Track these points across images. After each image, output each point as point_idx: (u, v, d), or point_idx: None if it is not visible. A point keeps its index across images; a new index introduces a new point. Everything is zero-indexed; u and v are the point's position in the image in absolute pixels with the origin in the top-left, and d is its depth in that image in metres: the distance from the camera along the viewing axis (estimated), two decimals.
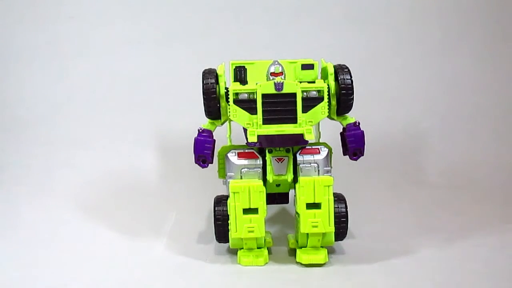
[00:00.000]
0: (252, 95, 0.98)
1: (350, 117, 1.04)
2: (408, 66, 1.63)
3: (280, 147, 1.00)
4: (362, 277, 0.94)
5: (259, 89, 0.96)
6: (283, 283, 0.93)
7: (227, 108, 0.99)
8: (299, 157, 1.00)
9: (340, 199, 1.01)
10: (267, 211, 0.99)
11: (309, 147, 1.01)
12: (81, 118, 1.60)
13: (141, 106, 1.60)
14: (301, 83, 0.99)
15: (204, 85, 1.00)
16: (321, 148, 1.02)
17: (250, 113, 0.98)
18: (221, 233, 1.01)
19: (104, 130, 1.59)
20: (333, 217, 0.98)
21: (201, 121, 1.04)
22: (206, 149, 1.01)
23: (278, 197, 1.11)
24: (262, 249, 1.01)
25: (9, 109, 1.62)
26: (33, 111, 1.61)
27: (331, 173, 1.01)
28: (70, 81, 1.63)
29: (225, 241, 1.03)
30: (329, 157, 1.03)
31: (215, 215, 1.02)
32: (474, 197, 1.37)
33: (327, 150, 1.02)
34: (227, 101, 0.99)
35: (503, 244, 1.08)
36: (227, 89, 1.00)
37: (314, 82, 1.02)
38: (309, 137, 0.95)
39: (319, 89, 0.99)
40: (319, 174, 1.00)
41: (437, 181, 1.49)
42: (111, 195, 1.41)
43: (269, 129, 0.96)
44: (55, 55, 1.63)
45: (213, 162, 1.03)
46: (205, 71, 1.03)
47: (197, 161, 1.01)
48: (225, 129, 1.07)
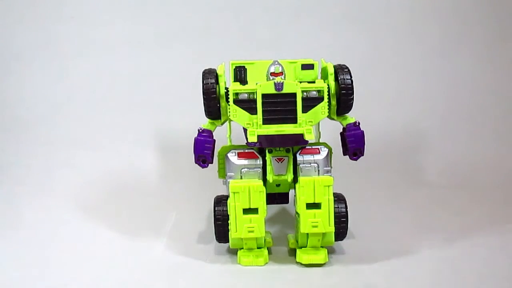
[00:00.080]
0: (252, 95, 0.98)
1: (350, 117, 1.04)
2: (408, 66, 1.63)
3: (280, 147, 1.00)
4: (362, 277, 0.94)
5: (259, 89, 0.96)
6: (283, 283, 0.93)
7: (227, 108, 0.99)
8: (299, 157, 1.00)
9: (340, 199, 1.01)
10: (267, 211, 0.99)
11: (309, 147, 1.01)
12: (81, 118, 1.60)
13: (141, 106, 1.60)
14: (301, 83, 0.99)
15: (204, 85, 1.00)
16: (321, 148, 1.02)
17: (250, 113, 0.98)
18: (221, 233, 1.01)
19: (104, 130, 1.59)
20: (333, 217, 0.98)
21: (201, 121, 1.04)
22: (206, 149, 1.01)
23: (278, 197, 1.11)
24: (262, 249, 1.01)
25: (9, 109, 1.62)
26: (33, 111, 1.61)
27: (331, 173, 1.01)
28: (70, 81, 1.63)
29: (225, 241, 1.02)
30: (329, 157, 1.03)
31: (215, 215, 1.02)
32: (474, 197, 1.37)
33: (327, 150, 1.02)
34: (227, 101, 0.99)
35: (503, 244, 1.08)
36: (227, 89, 1.00)
37: (314, 82, 1.02)
38: (309, 137, 0.95)
39: (319, 89, 0.99)
40: (319, 174, 1.00)
41: (436, 181, 1.49)
42: (111, 195, 1.41)
43: (269, 129, 0.96)
44: (55, 55, 1.63)
45: (213, 162, 1.03)
46: (205, 71, 1.03)
47: (197, 161, 1.01)
48: (225, 129, 1.07)
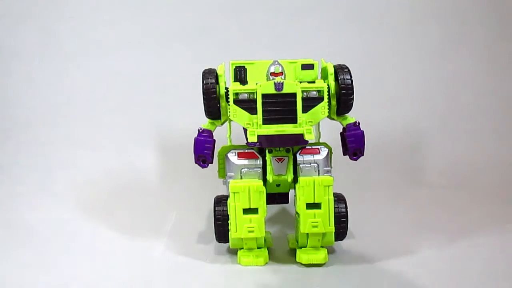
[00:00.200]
0: (252, 95, 0.98)
1: (350, 117, 1.04)
2: (408, 66, 1.64)
3: (280, 147, 1.00)
4: (362, 277, 0.94)
5: (259, 89, 0.96)
6: (283, 283, 0.93)
7: (227, 108, 0.99)
8: (299, 157, 1.00)
9: (340, 199, 1.01)
10: (267, 211, 0.99)
11: (309, 147, 1.01)
12: (81, 118, 1.60)
13: (141, 106, 1.60)
14: (301, 83, 0.99)
15: (204, 85, 1.00)
16: (321, 148, 1.02)
17: (250, 113, 0.98)
18: (221, 233, 1.01)
19: (104, 130, 1.59)
20: (333, 217, 0.98)
21: (201, 121, 1.04)
22: (206, 149, 1.01)
23: (278, 197, 1.11)
24: (262, 249, 1.01)
25: (9, 109, 1.62)
26: (33, 111, 1.61)
27: (331, 173, 1.01)
28: (70, 81, 1.63)
29: (225, 241, 1.02)
30: (329, 157, 1.02)
31: (215, 215, 1.02)
32: (474, 197, 1.37)
33: (327, 150, 1.02)
34: (227, 101, 0.99)
35: (503, 244, 1.08)
36: (227, 89, 1.00)
37: (314, 82, 1.02)
38: (309, 137, 0.95)
39: (319, 89, 0.99)
40: (319, 174, 1.00)
41: (436, 181, 1.49)
42: (111, 195, 1.41)
43: (269, 129, 0.96)
44: (55, 55, 1.63)
45: (213, 162, 1.03)
46: (205, 71, 1.03)
47: (197, 161, 1.01)
48: (225, 129, 1.07)
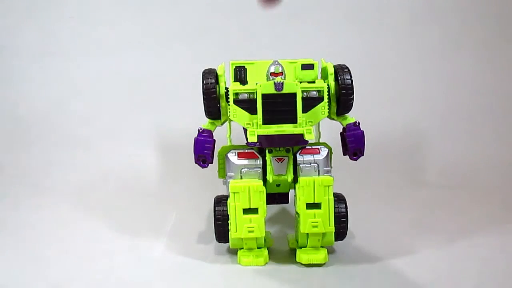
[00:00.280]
0: (252, 95, 0.98)
1: (350, 117, 1.04)
2: (408, 66, 1.64)
3: (280, 147, 1.00)
4: (362, 277, 0.94)
5: (259, 89, 0.96)
6: (283, 283, 0.93)
7: (227, 108, 0.99)
8: (299, 157, 1.00)
9: (340, 199, 1.01)
10: (267, 211, 0.99)
11: (309, 147, 1.01)
12: (81, 118, 1.60)
13: (141, 106, 1.61)
14: (301, 83, 0.99)
15: (204, 85, 1.00)
16: (321, 148, 1.02)
17: (250, 113, 0.98)
18: (221, 233, 1.01)
19: (104, 130, 1.59)
20: (333, 217, 0.98)
21: (201, 121, 1.04)
22: (206, 149, 1.01)
23: (278, 197, 1.11)
24: (262, 249, 1.01)
25: (10, 109, 1.62)
26: (33, 111, 1.61)
27: (331, 173, 1.01)
28: (70, 81, 1.63)
29: (225, 241, 1.02)
30: (329, 157, 1.02)
31: (215, 215, 1.02)
32: (474, 197, 1.37)
33: (327, 150, 1.02)
34: (227, 101, 0.99)
35: (503, 244, 1.08)
36: (227, 89, 1.00)
37: (314, 82, 1.02)
38: (309, 137, 0.95)
39: (319, 89, 0.99)
40: (319, 174, 1.00)
41: (436, 180, 1.49)
42: (111, 195, 1.41)
43: (269, 129, 0.96)
44: (55, 55, 1.64)
45: (213, 162, 1.03)
46: (205, 71, 1.03)
47: (197, 161, 1.01)
48: (225, 129, 1.07)
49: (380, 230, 1.17)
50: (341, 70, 1.02)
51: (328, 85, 1.01)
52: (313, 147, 1.01)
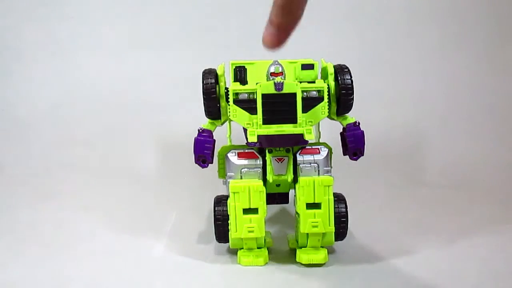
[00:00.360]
0: (252, 95, 0.98)
1: (350, 117, 1.04)
2: (408, 66, 1.64)
3: (280, 147, 1.00)
4: (362, 277, 0.94)
5: (259, 89, 0.96)
6: (283, 283, 0.93)
7: (227, 108, 0.99)
8: (299, 157, 1.00)
9: (340, 199, 1.01)
10: (267, 211, 0.99)
11: (309, 147, 1.01)
12: (81, 118, 1.60)
13: (141, 106, 1.61)
14: (301, 83, 0.99)
15: (204, 85, 1.00)
16: (321, 148, 1.02)
17: (250, 113, 0.98)
18: (221, 233, 1.01)
19: (104, 130, 1.59)
20: (333, 217, 0.98)
21: (201, 121, 1.04)
22: (206, 149, 1.01)
23: (278, 197, 1.11)
24: (262, 249, 1.01)
25: (9, 109, 1.62)
26: (33, 111, 1.61)
27: (331, 173, 1.01)
28: (70, 81, 1.63)
29: (225, 241, 1.02)
30: (329, 157, 1.02)
31: (215, 215, 1.02)
32: (474, 197, 1.37)
33: (327, 150, 1.02)
34: (227, 101, 0.99)
35: (503, 244, 1.08)
36: (227, 89, 1.00)
37: (314, 82, 1.02)
38: (309, 137, 0.95)
39: (319, 89, 0.99)
40: (319, 174, 1.00)
41: (437, 180, 1.49)
42: (111, 195, 1.41)
43: (269, 129, 0.96)
44: (55, 55, 1.64)
45: (213, 162, 1.03)
46: (205, 71, 1.03)
47: (197, 161, 1.01)
48: (225, 129, 1.07)
49: (380, 230, 1.17)
50: (341, 70, 1.02)
51: (328, 85, 1.01)
52: (313, 147, 1.01)
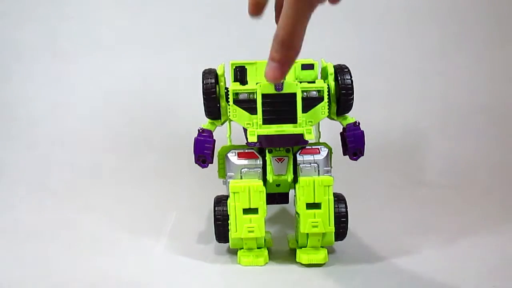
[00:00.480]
0: (252, 95, 0.98)
1: (350, 117, 1.04)
2: (407, 66, 1.64)
3: (280, 147, 1.00)
4: (362, 277, 0.94)
5: (259, 89, 0.97)
6: (283, 283, 0.93)
7: (227, 108, 0.99)
8: (299, 157, 1.00)
9: (340, 199, 1.01)
10: (267, 211, 0.99)
11: (309, 147, 1.01)
12: (81, 118, 1.60)
13: (141, 106, 1.60)
14: (301, 83, 0.99)
15: (204, 85, 1.00)
16: (321, 148, 1.02)
17: (250, 113, 0.98)
18: (221, 233, 1.01)
19: (104, 130, 1.59)
20: (333, 217, 0.98)
21: (201, 121, 1.04)
22: (206, 149, 1.01)
23: (278, 197, 1.11)
24: (262, 249, 1.01)
25: (10, 109, 1.62)
26: (33, 111, 1.61)
27: (331, 173, 1.01)
28: (70, 81, 1.63)
29: (225, 241, 1.02)
30: (329, 157, 1.03)
31: (215, 215, 1.02)
32: (474, 197, 1.37)
33: (327, 150, 1.02)
34: (227, 101, 0.99)
35: (503, 244, 1.08)
36: (227, 89, 1.00)
37: (314, 82, 1.02)
38: (309, 137, 0.95)
39: (319, 89, 0.99)
40: (319, 174, 1.00)
41: (437, 180, 1.49)
42: (111, 195, 1.41)
43: (269, 129, 0.96)
44: (55, 55, 1.64)
45: (213, 162, 1.03)
46: (205, 71, 1.03)
47: (197, 161, 1.01)
48: (225, 129, 1.07)
49: (380, 230, 1.17)
50: (341, 70, 1.02)
51: (328, 85, 1.01)
52: (313, 147, 1.01)
